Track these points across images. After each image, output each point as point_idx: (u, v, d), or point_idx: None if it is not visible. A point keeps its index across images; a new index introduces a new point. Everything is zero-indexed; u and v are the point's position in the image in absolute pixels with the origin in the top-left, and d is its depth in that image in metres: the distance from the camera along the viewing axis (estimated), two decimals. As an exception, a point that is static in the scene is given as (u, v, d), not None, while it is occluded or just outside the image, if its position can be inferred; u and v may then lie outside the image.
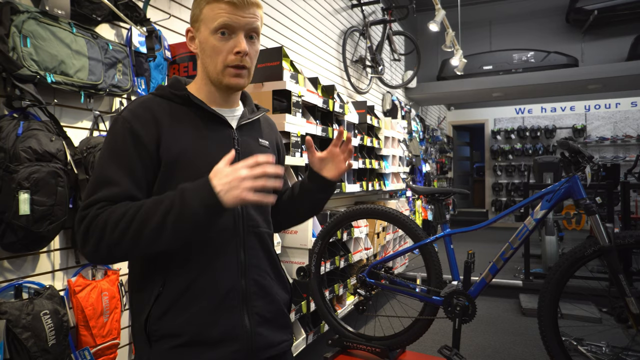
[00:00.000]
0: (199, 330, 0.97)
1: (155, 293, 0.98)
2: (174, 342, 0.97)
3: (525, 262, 4.45)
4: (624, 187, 4.01)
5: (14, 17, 1.43)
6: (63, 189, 1.52)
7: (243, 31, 1.00)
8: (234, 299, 1.01)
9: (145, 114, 0.99)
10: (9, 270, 1.52)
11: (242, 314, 1.02)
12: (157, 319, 0.97)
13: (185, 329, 0.97)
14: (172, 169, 0.98)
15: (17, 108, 1.48)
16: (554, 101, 10.21)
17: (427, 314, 2.11)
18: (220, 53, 1.00)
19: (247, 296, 1.04)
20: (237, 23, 0.99)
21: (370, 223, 3.74)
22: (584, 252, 1.96)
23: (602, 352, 2.92)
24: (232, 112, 1.10)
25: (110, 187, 0.93)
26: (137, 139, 0.96)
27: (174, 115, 1.01)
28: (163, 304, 0.97)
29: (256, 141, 1.13)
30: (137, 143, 0.96)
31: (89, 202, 0.93)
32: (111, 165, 0.95)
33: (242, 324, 1.02)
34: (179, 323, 0.97)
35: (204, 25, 1.01)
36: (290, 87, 2.54)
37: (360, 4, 4.85)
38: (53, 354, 1.43)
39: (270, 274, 1.11)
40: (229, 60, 1.00)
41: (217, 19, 0.98)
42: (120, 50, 1.83)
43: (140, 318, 1.00)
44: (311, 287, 2.39)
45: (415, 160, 6.18)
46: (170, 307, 0.97)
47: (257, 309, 1.05)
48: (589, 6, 6.85)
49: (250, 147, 1.10)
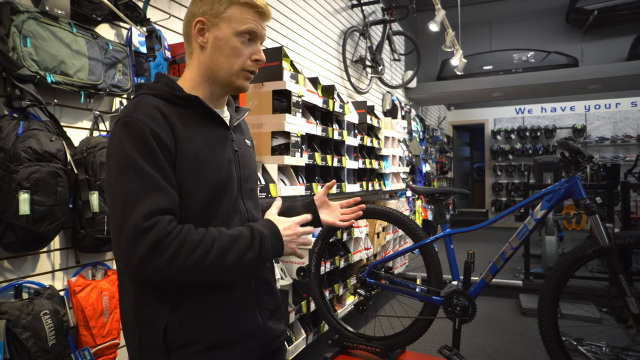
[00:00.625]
0: (218, 334, 0.98)
1: (171, 303, 0.94)
2: (194, 348, 0.95)
3: (525, 262, 4.45)
4: (624, 187, 4.01)
5: (14, 17, 1.43)
6: (63, 189, 1.52)
7: (260, 40, 1.05)
8: (248, 299, 1.05)
9: (159, 117, 0.94)
10: (9, 270, 1.52)
11: (255, 312, 1.06)
12: (176, 328, 0.94)
13: (205, 335, 0.96)
14: (186, 174, 0.95)
15: (17, 108, 1.48)
16: (554, 101, 10.21)
17: (427, 314, 2.11)
18: (240, 56, 1.02)
19: (258, 295, 1.07)
20: (260, 32, 1.04)
21: (370, 223, 3.74)
22: (584, 252, 1.96)
23: (602, 352, 2.92)
24: (222, 112, 1.10)
25: (165, 195, 0.90)
26: (162, 142, 0.92)
27: (181, 117, 0.99)
28: (181, 312, 0.95)
29: (244, 141, 1.16)
30: (162, 147, 0.92)
31: (148, 212, 0.86)
32: (150, 170, 0.89)
33: (257, 320, 1.06)
34: (198, 329, 0.96)
35: (227, 24, 1.00)
36: (290, 87, 2.54)
37: (360, 4, 4.85)
38: (53, 354, 1.43)
39: (270, 268, 1.16)
40: (247, 65, 1.03)
41: (247, 23, 1.01)
42: (120, 50, 1.82)
43: (154, 330, 0.94)
44: (311, 287, 2.39)
45: (415, 160, 6.18)
46: (189, 315, 0.95)
47: (265, 305, 1.09)
48: (589, 6, 6.85)
49: (243, 147, 1.13)
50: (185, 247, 0.87)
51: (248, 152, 1.16)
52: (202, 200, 0.97)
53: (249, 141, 1.20)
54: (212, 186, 0.98)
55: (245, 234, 0.96)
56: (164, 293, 0.95)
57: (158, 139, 0.91)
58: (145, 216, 0.85)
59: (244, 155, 1.11)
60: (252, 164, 1.17)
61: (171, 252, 0.86)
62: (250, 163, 1.15)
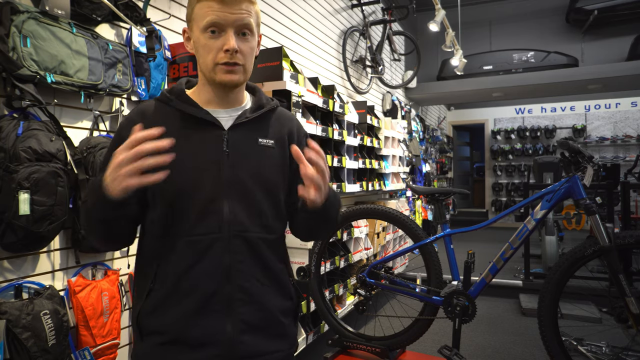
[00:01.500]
0: (182, 330, 0.99)
1: (147, 289, 1.01)
2: (160, 339, 1.00)
3: (525, 262, 4.45)
4: (624, 187, 4.01)
5: (14, 17, 1.43)
6: (63, 189, 1.52)
7: (233, 28, 0.98)
8: (217, 303, 0.99)
9: (136, 118, 1.03)
10: (9, 270, 1.52)
11: (225, 320, 1.00)
12: (147, 315, 1.01)
13: (170, 328, 0.99)
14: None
15: (17, 108, 1.48)
16: (554, 101, 10.21)
17: (427, 314, 2.11)
18: (210, 51, 0.99)
19: (232, 302, 1.00)
20: (225, 20, 0.97)
21: (370, 223, 3.74)
22: (584, 252, 1.96)
23: (602, 352, 2.92)
24: (232, 111, 1.07)
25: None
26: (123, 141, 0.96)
27: (161, 118, 1.02)
28: (152, 301, 1.00)
29: (254, 141, 1.07)
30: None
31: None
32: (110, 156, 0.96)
33: (224, 329, 0.99)
34: (164, 321, 0.99)
35: (195, 24, 1.01)
36: (290, 87, 2.54)
37: (360, 4, 4.85)
38: (53, 354, 1.43)
39: (262, 280, 1.05)
40: (219, 58, 0.99)
41: (206, 17, 0.98)
42: (120, 50, 1.82)
43: (135, 310, 1.03)
44: (311, 287, 2.39)
45: (415, 160, 6.18)
46: (158, 305, 1.00)
47: (243, 316, 1.01)
48: (589, 6, 6.85)
49: (247, 148, 1.05)
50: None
51: (258, 152, 1.06)
52: (169, 198, 0.99)
53: (271, 140, 1.09)
54: (179, 185, 0.98)
55: (94, 181, 0.95)
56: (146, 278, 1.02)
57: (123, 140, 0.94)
58: None
59: (245, 155, 1.04)
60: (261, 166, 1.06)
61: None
62: (257, 165, 1.06)
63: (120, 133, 1.02)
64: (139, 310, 1.01)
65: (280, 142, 1.11)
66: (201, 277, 0.99)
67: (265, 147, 1.08)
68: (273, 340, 1.06)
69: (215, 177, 1.01)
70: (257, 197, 1.05)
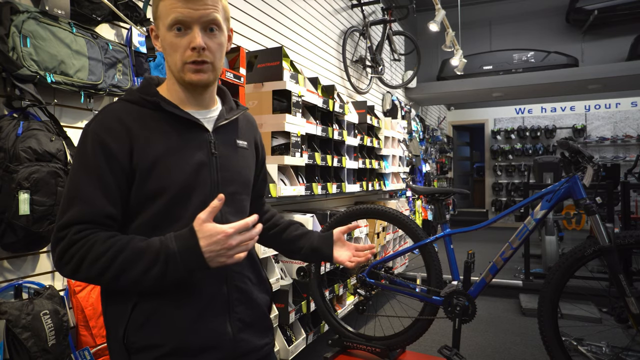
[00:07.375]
0: (180, 339, 0.95)
1: (132, 302, 0.94)
2: (155, 353, 0.94)
3: (525, 262, 4.45)
4: (624, 187, 4.01)
5: (13, 17, 1.43)
6: (63, 189, 1.52)
7: (198, 24, 0.94)
8: (216, 306, 0.99)
9: (114, 125, 0.94)
10: (9, 270, 1.52)
11: (225, 322, 1.00)
12: (136, 331, 0.94)
13: (166, 339, 0.94)
14: (146, 179, 0.94)
15: (17, 108, 1.48)
16: (554, 101, 10.21)
17: (427, 314, 2.11)
18: (177, 50, 0.95)
19: (230, 303, 1.01)
20: (190, 17, 0.93)
21: (370, 223, 3.74)
22: (584, 252, 1.96)
23: (602, 352, 2.92)
24: (208, 112, 1.06)
25: (84, 206, 0.90)
26: (109, 152, 0.92)
27: (145, 123, 0.97)
28: (142, 313, 0.94)
29: (234, 143, 1.09)
30: (109, 157, 0.92)
31: (64, 223, 0.90)
32: (83, 181, 0.92)
33: (225, 331, 1.00)
34: (159, 333, 0.94)
35: (161, 22, 0.97)
36: (290, 87, 2.54)
37: (360, 4, 4.85)
38: (53, 354, 1.43)
39: (251, 278, 1.09)
40: (186, 57, 0.95)
41: (170, 15, 0.94)
42: (120, 50, 1.82)
43: (117, 330, 0.95)
44: (311, 287, 2.39)
45: (415, 160, 6.19)
46: (149, 317, 0.94)
47: (239, 315, 1.03)
48: (589, 6, 6.86)
49: (228, 150, 1.06)
50: (89, 258, 0.88)
51: (236, 154, 1.08)
52: (163, 203, 0.95)
53: (245, 142, 1.12)
54: (173, 190, 0.95)
55: (152, 248, 0.88)
56: (128, 291, 0.95)
57: (105, 149, 0.92)
58: (61, 227, 0.90)
59: (228, 157, 1.05)
60: (240, 167, 1.09)
61: (75, 262, 0.88)
62: (237, 166, 1.08)
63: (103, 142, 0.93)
64: (125, 328, 0.94)
65: (251, 145, 1.16)
66: (202, 281, 0.98)
67: (242, 148, 1.11)
68: (262, 334, 1.10)
69: (206, 180, 1.00)
70: (242, 197, 1.09)
